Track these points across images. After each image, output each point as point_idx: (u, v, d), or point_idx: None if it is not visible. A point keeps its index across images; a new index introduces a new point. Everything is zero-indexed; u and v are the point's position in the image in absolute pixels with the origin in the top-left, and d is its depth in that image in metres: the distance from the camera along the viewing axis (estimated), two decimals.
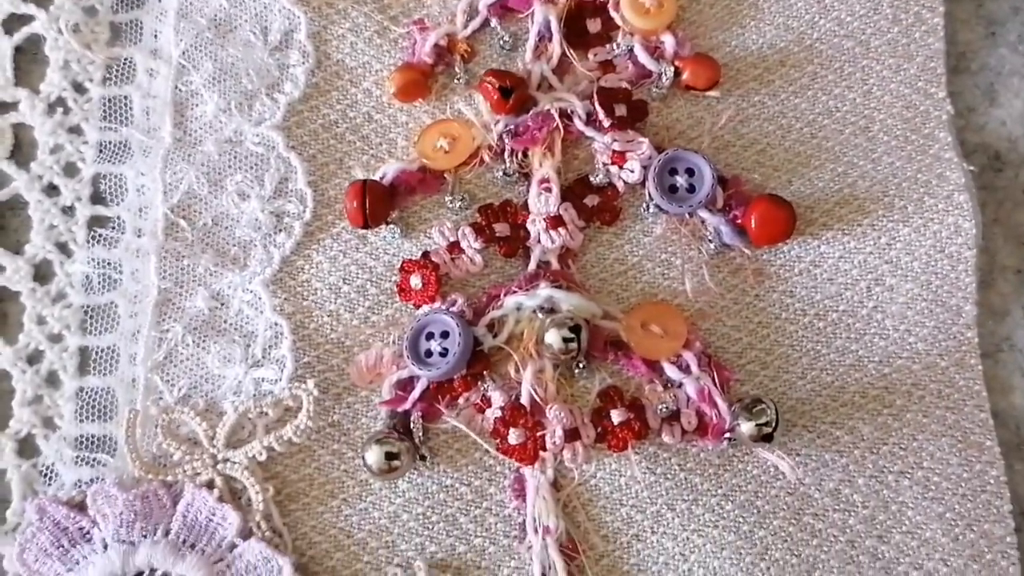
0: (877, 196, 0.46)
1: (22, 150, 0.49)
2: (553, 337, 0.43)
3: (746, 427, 0.42)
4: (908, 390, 0.44)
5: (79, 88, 0.49)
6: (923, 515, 0.43)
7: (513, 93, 0.45)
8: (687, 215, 0.45)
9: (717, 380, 0.43)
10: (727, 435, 0.43)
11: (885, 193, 0.46)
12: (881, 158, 0.47)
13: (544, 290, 0.44)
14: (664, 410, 0.43)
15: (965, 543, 0.43)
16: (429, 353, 0.44)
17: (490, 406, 0.43)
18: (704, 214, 0.45)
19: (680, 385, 0.43)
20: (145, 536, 0.43)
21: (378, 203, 0.45)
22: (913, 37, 0.48)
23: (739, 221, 0.45)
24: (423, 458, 0.44)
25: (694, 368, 0.43)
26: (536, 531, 0.43)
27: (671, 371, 0.43)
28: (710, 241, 0.46)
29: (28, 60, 0.50)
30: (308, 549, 0.44)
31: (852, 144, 0.47)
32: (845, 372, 0.45)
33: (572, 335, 0.43)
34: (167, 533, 0.43)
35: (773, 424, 0.42)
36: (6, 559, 0.44)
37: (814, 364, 0.45)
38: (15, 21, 0.50)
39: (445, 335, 0.44)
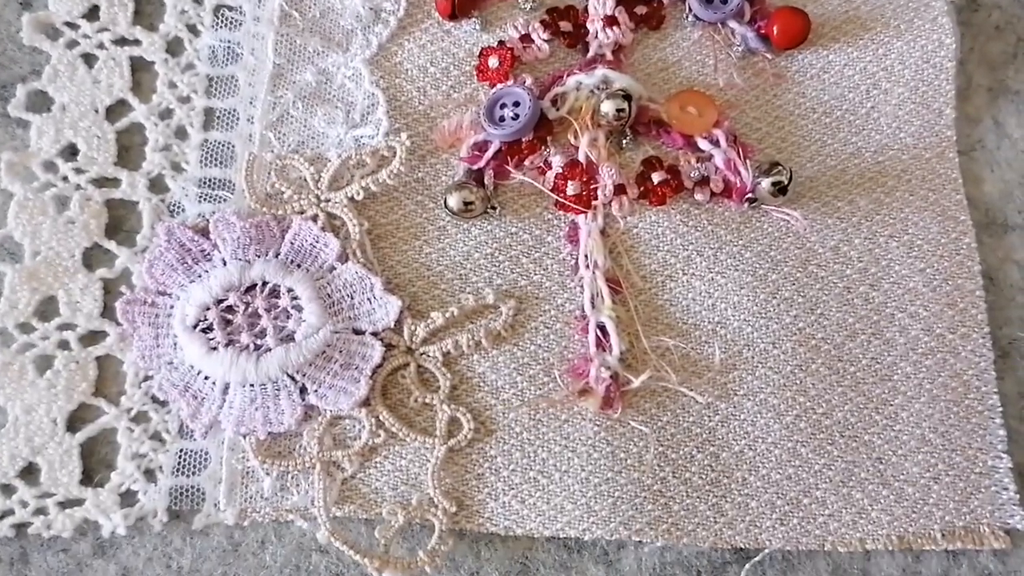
0: (876, 16, 0.55)
1: None
2: (608, 106, 0.51)
3: (765, 183, 0.50)
4: (898, 174, 0.53)
5: None
6: (908, 270, 0.51)
7: None
8: (719, 24, 0.54)
9: (741, 153, 0.52)
10: (749, 196, 0.51)
11: (882, 13, 0.55)
12: None
13: (601, 70, 0.52)
14: (696, 175, 0.52)
15: (942, 293, 0.51)
16: (503, 119, 0.52)
17: (551, 168, 0.52)
18: (734, 24, 0.54)
19: (710, 157, 0.52)
20: (259, 256, 0.51)
21: None
22: None
23: (763, 31, 0.54)
24: (493, 208, 0.52)
25: (723, 142, 0.52)
26: (587, 266, 0.51)
27: (703, 144, 0.52)
28: (738, 47, 0.55)
29: None
30: (394, 278, 0.51)
31: None
32: (847, 159, 0.53)
33: (624, 104, 0.51)
34: (277, 255, 0.51)
35: (787, 179, 0.50)
36: (135, 275, 0.51)
37: (821, 151, 0.54)
38: None
39: (516, 104, 0.52)
